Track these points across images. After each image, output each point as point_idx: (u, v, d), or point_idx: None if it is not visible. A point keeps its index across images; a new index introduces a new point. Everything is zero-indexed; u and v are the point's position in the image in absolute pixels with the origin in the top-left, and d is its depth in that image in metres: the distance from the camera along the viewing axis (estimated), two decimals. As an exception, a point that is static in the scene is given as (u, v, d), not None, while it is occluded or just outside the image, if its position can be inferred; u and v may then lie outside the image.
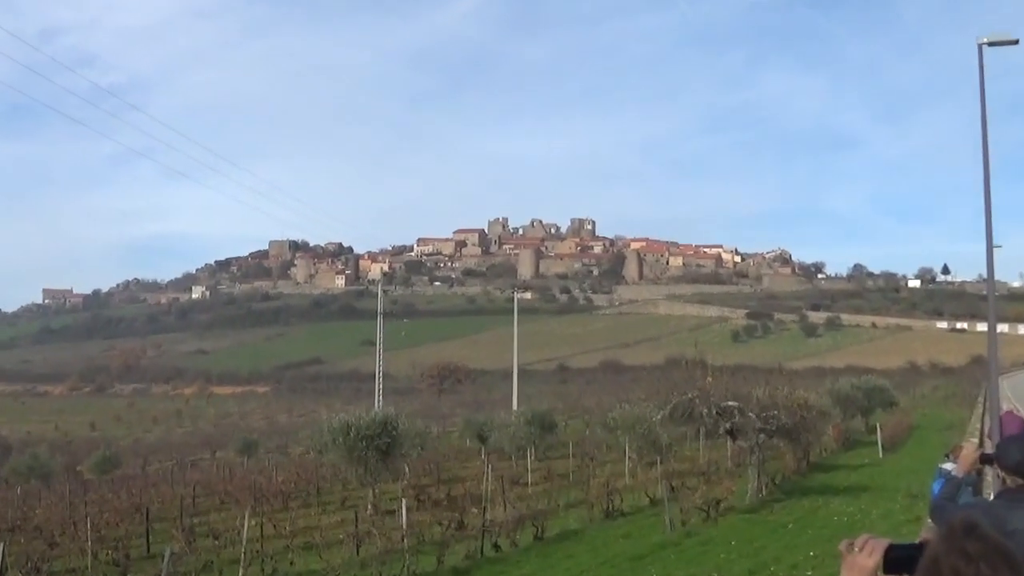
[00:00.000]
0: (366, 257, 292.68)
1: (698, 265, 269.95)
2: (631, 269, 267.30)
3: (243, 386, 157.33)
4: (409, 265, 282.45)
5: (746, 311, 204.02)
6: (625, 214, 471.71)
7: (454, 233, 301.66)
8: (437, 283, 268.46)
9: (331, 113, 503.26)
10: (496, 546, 20.43)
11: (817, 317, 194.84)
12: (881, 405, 46.93)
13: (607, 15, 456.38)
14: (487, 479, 29.09)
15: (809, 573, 14.30)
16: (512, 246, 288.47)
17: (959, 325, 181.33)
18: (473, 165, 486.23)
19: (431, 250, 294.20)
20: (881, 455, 33.09)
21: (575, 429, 56.13)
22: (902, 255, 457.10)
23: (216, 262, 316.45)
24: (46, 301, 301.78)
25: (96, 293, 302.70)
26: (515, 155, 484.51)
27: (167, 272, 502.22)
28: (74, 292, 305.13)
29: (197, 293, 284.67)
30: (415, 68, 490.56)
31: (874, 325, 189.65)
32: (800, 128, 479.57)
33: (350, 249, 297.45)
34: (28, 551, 22.26)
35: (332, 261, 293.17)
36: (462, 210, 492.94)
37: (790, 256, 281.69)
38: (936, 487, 5.24)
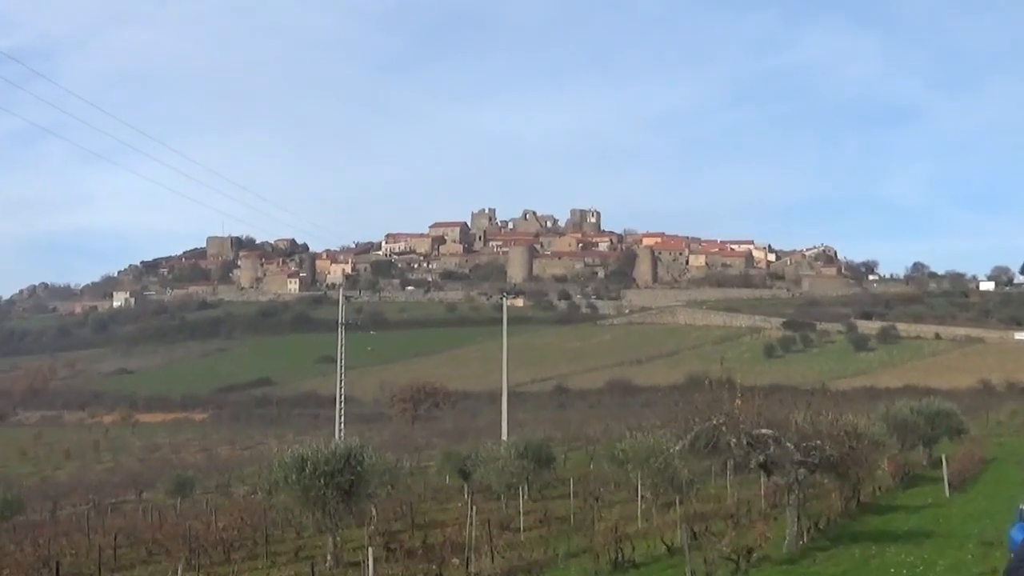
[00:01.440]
0: (324, 256, 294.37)
1: (724, 265, 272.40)
2: (643, 270, 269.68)
3: (175, 413, 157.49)
4: (377, 266, 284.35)
5: (782, 320, 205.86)
6: (636, 204, 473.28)
7: (431, 228, 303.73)
8: (410, 288, 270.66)
9: (282, 83, 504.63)
10: (482, 605, 20.45)
11: (868, 327, 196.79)
12: (947, 433, 47.03)
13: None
14: (471, 524, 28.99)
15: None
16: (500, 243, 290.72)
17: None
18: (453, 146, 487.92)
19: (403, 248, 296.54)
20: (948, 494, 33.32)
21: (577, 463, 56.45)
22: (972, 252, 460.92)
23: (143, 263, 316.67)
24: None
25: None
26: (504, 134, 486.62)
27: (82, 275, 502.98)
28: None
29: (119, 300, 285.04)
30: (383, 29, 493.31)
31: (938, 336, 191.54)
32: (847, 99, 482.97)
33: (305, 247, 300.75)
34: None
35: (283, 262, 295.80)
36: (440, 200, 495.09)
37: (835, 254, 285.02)
38: (1017, 534, 5.22)
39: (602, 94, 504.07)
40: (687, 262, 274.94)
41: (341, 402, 70.57)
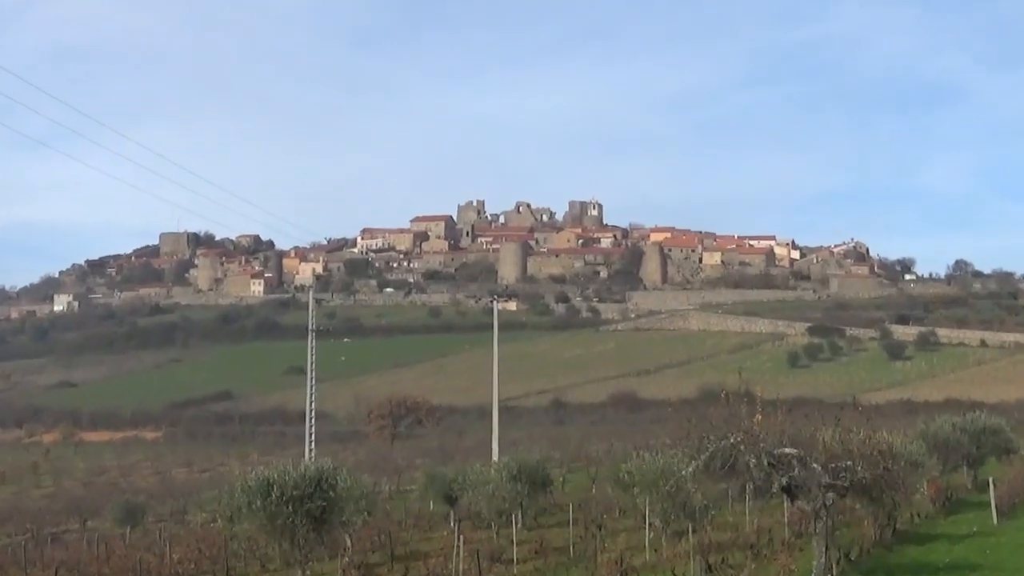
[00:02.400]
0: (292, 255, 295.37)
1: (742, 264, 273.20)
2: (651, 269, 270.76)
3: (124, 431, 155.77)
4: (351, 265, 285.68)
5: (808, 325, 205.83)
6: (643, 195, 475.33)
7: (412, 222, 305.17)
8: (389, 289, 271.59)
9: (244, 61, 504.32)
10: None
11: (905, 333, 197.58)
12: (994, 453, 46.98)
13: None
14: (458, 555, 29.24)
15: None
16: (490, 239, 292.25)
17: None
18: (437, 130, 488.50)
19: (381, 245, 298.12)
20: (996, 521, 33.28)
21: (577, 486, 57.25)
22: (1021, 249, 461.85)
23: (88, 262, 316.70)
24: None
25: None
26: (494, 116, 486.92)
27: (19, 276, 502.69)
28: None
29: (61, 304, 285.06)
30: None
31: (983, 343, 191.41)
32: (882, 77, 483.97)
33: (270, 244, 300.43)
34: None
35: (246, 261, 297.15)
36: (423, 191, 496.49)
37: (867, 251, 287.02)
38: None
39: (605, 72, 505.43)
40: (700, 260, 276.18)
41: (311, 418, 69.41)
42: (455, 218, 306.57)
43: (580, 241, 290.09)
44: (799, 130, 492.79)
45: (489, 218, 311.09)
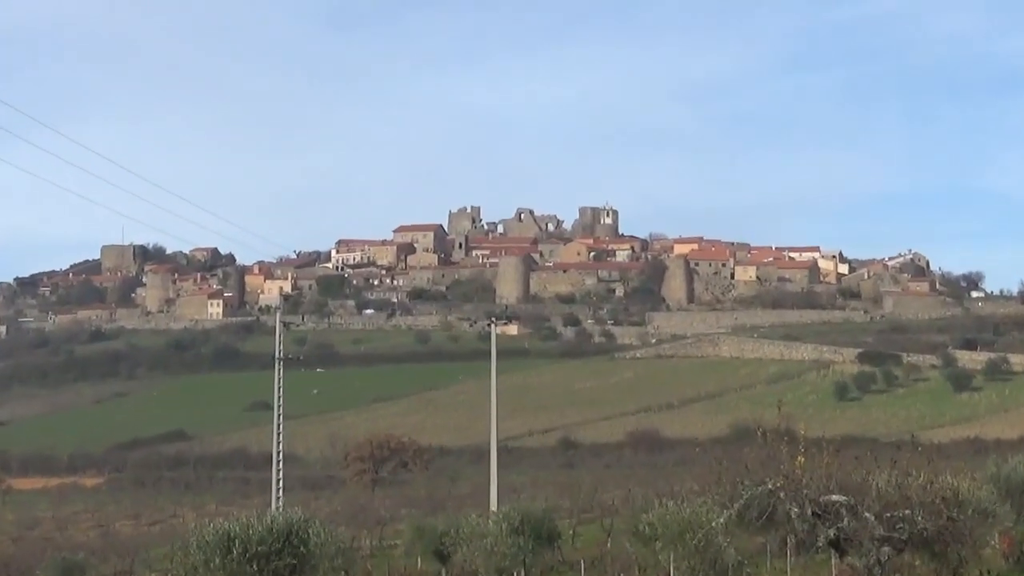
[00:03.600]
0: (256, 271, 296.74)
1: (781, 280, 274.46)
2: (675, 287, 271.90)
3: (61, 477, 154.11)
4: (325, 283, 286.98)
5: (858, 351, 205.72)
6: (665, 200, 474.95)
7: (396, 232, 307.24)
8: (369, 311, 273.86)
9: (200, 46, 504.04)
10: None
11: (972, 359, 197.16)
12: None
13: None
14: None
15: None
16: (487, 252, 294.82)
17: None
18: (426, 126, 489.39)
19: (360, 259, 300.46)
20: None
21: (589, 540, 57.00)
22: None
23: (17, 280, 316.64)
24: None
25: None
26: (491, 109, 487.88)
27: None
28: None
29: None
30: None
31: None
32: (942, 62, 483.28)
33: (231, 259, 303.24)
34: None
35: (202, 278, 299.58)
36: (408, 196, 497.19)
37: (927, 264, 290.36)
38: None
39: (618, 57, 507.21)
40: (732, 276, 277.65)
41: (279, 462, 69.78)
42: (446, 227, 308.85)
43: (592, 254, 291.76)
44: (847, 124, 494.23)
45: (486, 227, 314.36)
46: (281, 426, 70.71)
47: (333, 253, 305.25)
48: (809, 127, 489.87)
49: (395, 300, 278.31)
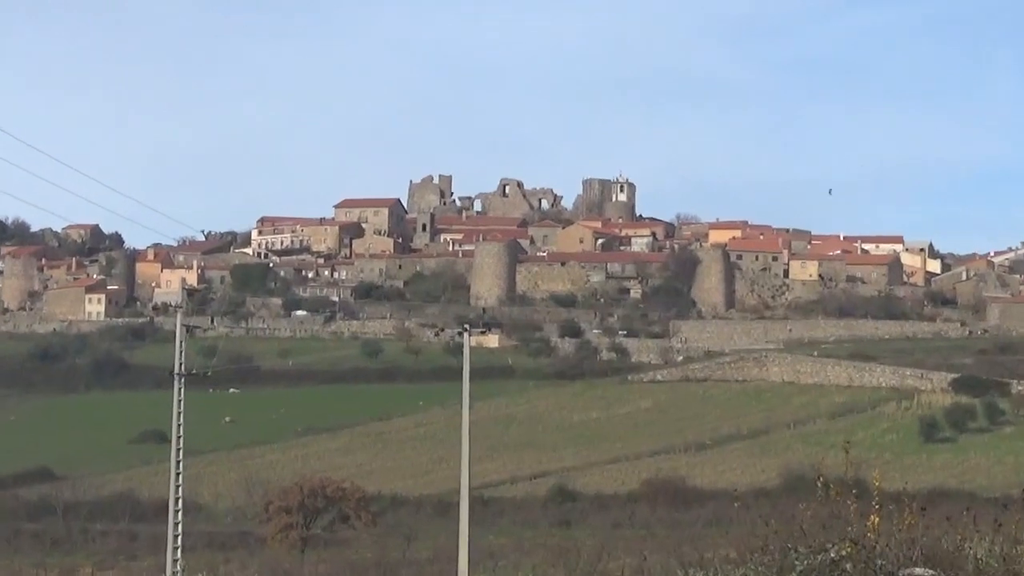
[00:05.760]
0: (151, 257, 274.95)
1: (852, 279, 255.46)
2: (710, 286, 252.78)
3: None
4: (243, 274, 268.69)
5: (953, 376, 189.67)
6: (697, 173, 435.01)
7: (338, 208, 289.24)
8: (301, 312, 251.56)
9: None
10: None
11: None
12: None
13: None
14: None
15: None
16: (460, 236, 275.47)
17: None
18: (380, 68, 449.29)
19: (289, 243, 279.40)
20: None
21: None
22: None
23: None
24: None
25: None
26: (466, 49, 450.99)
27: None
28: None
29: None
30: None
31: None
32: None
33: (117, 241, 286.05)
34: None
35: (79, 265, 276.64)
36: (355, 161, 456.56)
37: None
38: None
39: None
40: (786, 273, 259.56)
41: (177, 512, 63.06)
42: (405, 203, 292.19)
43: (599, 241, 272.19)
44: (940, 75, 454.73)
45: (458, 204, 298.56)
46: (181, 464, 65.15)
47: (254, 235, 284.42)
48: (888, 78, 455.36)
49: (336, 299, 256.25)
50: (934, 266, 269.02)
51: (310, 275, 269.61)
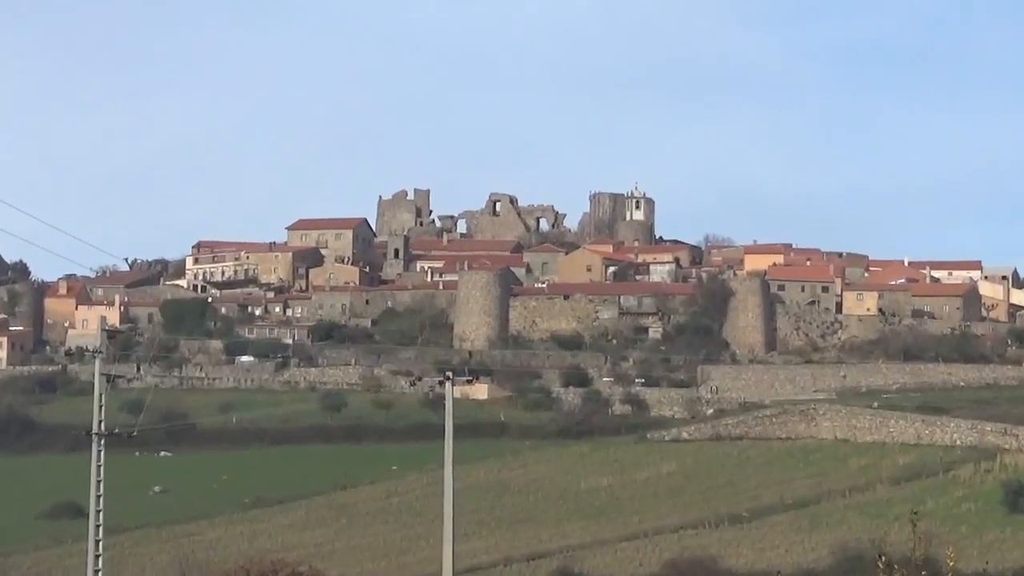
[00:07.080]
0: (63, 291, 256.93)
1: (919, 314, 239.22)
2: (746, 323, 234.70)
3: None
4: (177, 311, 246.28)
5: None
6: (731, 186, 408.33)
7: (292, 231, 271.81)
8: (247, 358, 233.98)
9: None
10: None
11: None
12: None
13: None
14: None
15: None
16: (442, 264, 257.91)
17: None
18: (345, 63, 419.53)
19: (232, 273, 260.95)
20: None
21: None
22: None
23: None
24: None
25: None
26: (450, 37, 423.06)
27: None
28: None
29: None
30: None
31: None
32: None
33: (22, 271, 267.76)
34: None
35: None
36: (315, 174, 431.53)
37: None
38: None
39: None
40: (839, 308, 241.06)
41: None
42: (373, 225, 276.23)
43: (611, 270, 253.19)
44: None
45: (438, 224, 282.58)
46: (101, 545, 61.74)
47: (189, 263, 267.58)
48: (966, 68, 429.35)
49: (289, 341, 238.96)
50: (1019, 298, 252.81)
51: (258, 312, 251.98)
